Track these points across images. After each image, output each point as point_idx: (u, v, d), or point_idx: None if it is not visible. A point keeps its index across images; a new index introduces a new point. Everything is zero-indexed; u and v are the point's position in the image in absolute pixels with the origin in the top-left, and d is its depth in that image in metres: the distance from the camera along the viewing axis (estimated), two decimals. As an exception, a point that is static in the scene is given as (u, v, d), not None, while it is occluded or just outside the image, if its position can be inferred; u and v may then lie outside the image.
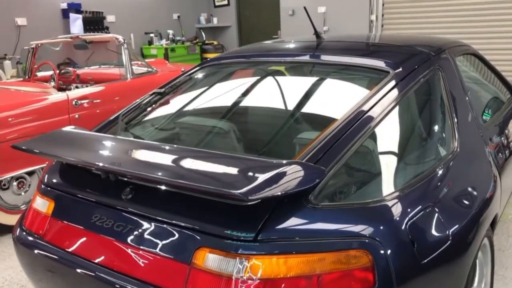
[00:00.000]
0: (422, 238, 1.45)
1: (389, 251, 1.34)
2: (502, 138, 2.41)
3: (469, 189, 1.78)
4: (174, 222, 1.45)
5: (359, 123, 1.66)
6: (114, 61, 5.16)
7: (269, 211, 1.35)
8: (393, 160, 1.71)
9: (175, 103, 2.30)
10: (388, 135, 1.74)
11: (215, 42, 8.94)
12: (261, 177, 1.29)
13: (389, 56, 2.12)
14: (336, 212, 1.39)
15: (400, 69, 1.97)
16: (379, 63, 2.04)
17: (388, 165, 1.67)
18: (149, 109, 2.24)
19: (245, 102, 2.33)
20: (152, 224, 1.48)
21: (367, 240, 1.33)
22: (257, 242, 1.32)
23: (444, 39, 2.58)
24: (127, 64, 4.31)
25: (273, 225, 1.34)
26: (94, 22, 7.14)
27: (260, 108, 2.28)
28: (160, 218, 1.48)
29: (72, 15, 6.72)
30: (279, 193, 1.26)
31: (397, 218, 1.42)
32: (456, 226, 1.57)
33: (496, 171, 2.07)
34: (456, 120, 1.95)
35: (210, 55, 8.54)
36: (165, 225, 1.46)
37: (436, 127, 1.92)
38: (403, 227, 1.41)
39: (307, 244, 1.32)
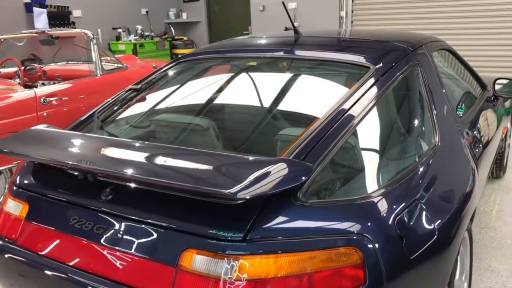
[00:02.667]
0: (410, 234, 1.45)
1: (378, 248, 1.33)
2: (476, 133, 2.46)
3: (452, 183, 1.80)
4: (159, 223, 1.40)
5: (343, 119, 1.65)
6: (82, 57, 5.00)
7: (258, 210, 1.32)
8: (378, 156, 1.71)
9: (153, 100, 2.23)
10: (372, 131, 1.74)
11: (185, 38, 8.83)
12: (250, 175, 1.26)
13: (369, 52, 2.12)
14: (325, 209, 1.37)
15: (381, 64, 1.97)
16: (360, 59, 2.04)
17: (373, 161, 1.66)
18: (125, 106, 2.17)
19: (224, 99, 2.28)
20: (136, 225, 1.43)
21: (356, 237, 1.32)
22: (245, 242, 1.29)
23: (419, 35, 2.60)
24: (96, 60, 4.19)
25: (261, 224, 1.31)
26: (59, 17, 6.91)
27: (239, 105, 2.25)
28: (144, 220, 1.43)
29: (36, 10, 6.49)
30: (269, 191, 1.24)
31: (385, 214, 1.41)
32: (441, 220, 1.58)
33: (474, 165, 2.10)
34: (435, 114, 1.97)
35: (180, 51, 8.43)
36: (149, 227, 1.41)
37: (417, 122, 1.93)
38: (391, 223, 1.40)
39: (296, 242, 1.29)
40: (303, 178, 1.33)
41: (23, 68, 4.57)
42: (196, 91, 2.27)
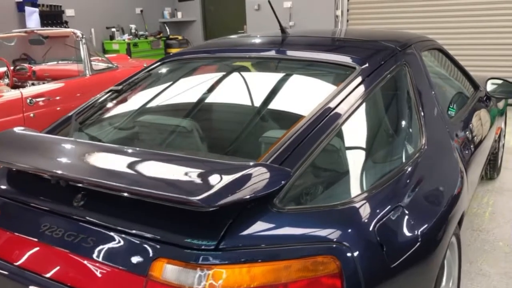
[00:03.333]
0: (391, 241, 1.40)
1: (357, 256, 1.28)
2: (467, 133, 2.41)
3: (438, 187, 1.75)
4: (130, 231, 1.34)
5: (326, 120, 1.60)
6: (73, 57, 4.95)
7: (232, 217, 1.27)
8: (361, 159, 1.66)
9: (134, 101, 2.18)
10: (355, 133, 1.69)
11: (180, 37, 8.77)
12: (222, 182, 1.20)
13: (355, 52, 2.07)
14: (303, 216, 1.32)
15: (367, 64, 1.92)
16: (345, 59, 1.98)
17: (356, 165, 1.61)
18: (105, 107, 2.12)
19: (208, 99, 2.23)
20: (106, 233, 1.37)
21: (334, 245, 1.26)
22: (219, 251, 1.23)
23: (409, 34, 2.55)
24: (85, 60, 4.13)
25: (236, 232, 1.25)
26: (52, 16, 6.85)
27: (223, 106, 2.19)
28: (115, 227, 1.37)
29: (28, 9, 6.43)
30: (242, 199, 1.19)
31: (366, 221, 1.36)
32: (425, 226, 1.53)
33: (463, 167, 2.05)
34: (423, 116, 1.91)
35: (175, 50, 8.36)
36: (121, 234, 1.35)
37: (403, 124, 1.88)
38: (371, 230, 1.35)
39: (272, 251, 1.24)
40: (280, 184, 1.28)
41: (12, 68, 4.51)
42: (179, 92, 2.22)
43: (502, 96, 2.94)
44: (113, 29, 7.84)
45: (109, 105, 2.13)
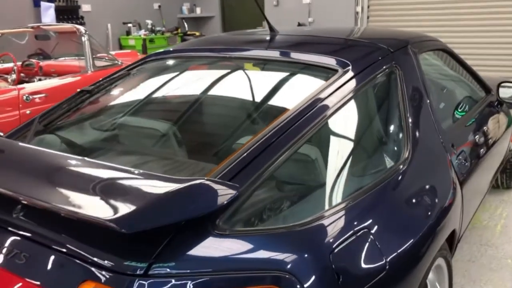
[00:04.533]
0: (350, 269, 1.23)
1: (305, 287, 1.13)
2: (471, 140, 2.21)
3: (417, 204, 1.57)
4: (61, 249, 1.23)
5: (293, 128, 1.44)
6: (80, 53, 4.91)
7: (166, 240, 1.14)
8: (329, 173, 1.49)
9: (103, 102, 2.07)
10: (325, 143, 1.53)
11: (197, 33, 8.68)
12: (147, 201, 1.07)
13: (341, 53, 1.90)
14: (247, 240, 1.17)
15: (350, 67, 1.75)
16: (328, 60, 1.82)
17: (321, 180, 1.46)
18: (73, 110, 2.01)
19: (186, 102, 2.11)
20: (36, 249, 1.26)
21: (278, 274, 1.11)
22: (148, 278, 1.10)
23: (410, 33, 2.36)
24: (88, 57, 4.07)
25: (168, 256, 1.12)
26: (68, 12, 6.86)
27: (198, 108, 2.06)
28: (46, 244, 1.25)
29: (44, 4, 6.44)
30: (169, 221, 1.05)
31: (321, 246, 1.21)
32: (397, 250, 1.36)
33: (457, 181, 1.86)
34: (410, 126, 1.73)
35: (192, 47, 8.27)
36: (52, 253, 1.23)
37: (383, 135, 1.71)
38: (327, 257, 1.19)
39: (207, 280, 1.10)
40: (218, 204, 1.13)
41: (20, 63, 4.50)
42: (153, 93, 2.10)
43: (514, 101, 2.70)
44: (130, 25, 7.81)
45: (78, 107, 2.02)
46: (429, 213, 1.56)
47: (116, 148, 1.90)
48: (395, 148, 1.66)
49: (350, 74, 1.72)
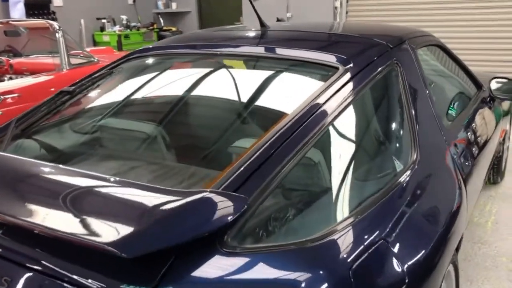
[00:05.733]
0: (371, 285, 1.14)
1: (326, 309, 1.03)
2: (469, 138, 2.15)
3: (432, 209, 1.49)
4: (53, 273, 1.08)
5: (300, 131, 1.34)
6: (53, 50, 4.69)
7: (170, 260, 1.02)
8: (339, 180, 1.39)
9: (87, 104, 1.93)
10: (334, 148, 1.43)
11: (174, 29, 8.48)
12: (150, 222, 0.95)
13: (339, 49, 1.81)
14: (259, 258, 1.06)
15: (351, 64, 1.66)
16: (327, 57, 1.72)
17: (332, 187, 1.35)
18: (52, 112, 1.86)
19: (174, 103, 1.97)
20: (25, 273, 1.12)
21: (297, 297, 1.01)
22: (151, 303, 0.98)
23: (404, 28, 2.28)
24: (62, 54, 3.87)
25: (173, 279, 1.00)
26: (38, 6, 6.57)
27: (188, 109, 1.94)
28: (36, 266, 1.11)
29: (12, -1, 6.16)
30: (174, 243, 0.94)
31: (339, 263, 1.11)
32: (415, 261, 1.27)
33: (462, 179, 1.79)
34: (417, 126, 1.65)
35: (169, 43, 8.07)
36: (36, 277, 1.10)
37: (392, 137, 1.62)
38: (346, 275, 1.10)
39: (217, 304, 0.99)
40: (228, 219, 1.02)
41: (-12, 61, 4.27)
42: (140, 93, 1.97)
43: (507, 97, 2.66)
44: (104, 20, 7.56)
45: (58, 109, 1.87)
46: (441, 218, 1.48)
47: (102, 152, 1.76)
48: (404, 150, 1.57)
49: (353, 71, 1.63)
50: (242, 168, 1.21)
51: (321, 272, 1.06)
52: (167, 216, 0.97)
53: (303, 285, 1.02)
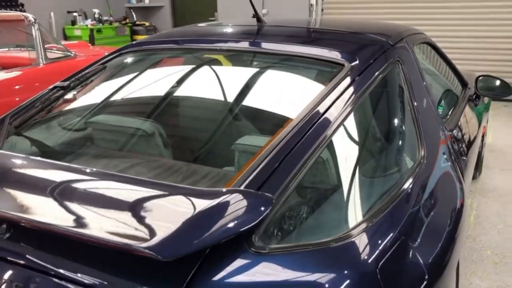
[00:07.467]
0: (396, 283, 1.14)
1: (358, 308, 1.01)
2: (463, 136, 2.19)
3: (443, 205, 1.50)
4: (72, 277, 1.03)
5: (315, 128, 1.32)
6: (28, 43, 4.51)
7: (198, 262, 0.98)
8: (355, 177, 1.39)
9: (83, 100, 1.85)
10: (348, 146, 1.42)
11: (147, 23, 8.33)
12: (185, 222, 0.91)
13: (342, 46, 1.80)
14: (287, 259, 1.04)
15: (357, 61, 1.65)
16: (332, 54, 1.71)
17: (351, 186, 1.34)
18: (48, 108, 1.77)
19: (172, 98, 1.93)
20: (36, 278, 1.06)
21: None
22: (181, 307, 0.95)
23: (399, 26, 2.30)
24: (39, 48, 3.73)
25: (202, 281, 0.97)
26: (5, -2, 6.33)
27: (189, 105, 1.89)
28: (51, 271, 1.05)
29: (-21, -11, 5.89)
30: (209, 243, 0.90)
31: (366, 261, 1.10)
32: (431, 259, 1.28)
33: (462, 178, 1.82)
34: (421, 123, 1.66)
35: (142, 37, 7.91)
36: (58, 281, 1.04)
37: (402, 133, 1.63)
38: (374, 272, 1.09)
39: (249, 307, 0.97)
40: (260, 216, 0.99)
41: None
42: (138, 89, 1.91)
43: (493, 95, 2.73)
44: (75, 14, 7.34)
45: (53, 104, 1.79)
46: (452, 213, 1.50)
47: (103, 150, 1.70)
48: (412, 146, 1.58)
49: (359, 68, 1.62)
50: (262, 166, 1.18)
51: (350, 271, 1.05)
52: (202, 217, 0.94)
53: (336, 285, 1.00)
